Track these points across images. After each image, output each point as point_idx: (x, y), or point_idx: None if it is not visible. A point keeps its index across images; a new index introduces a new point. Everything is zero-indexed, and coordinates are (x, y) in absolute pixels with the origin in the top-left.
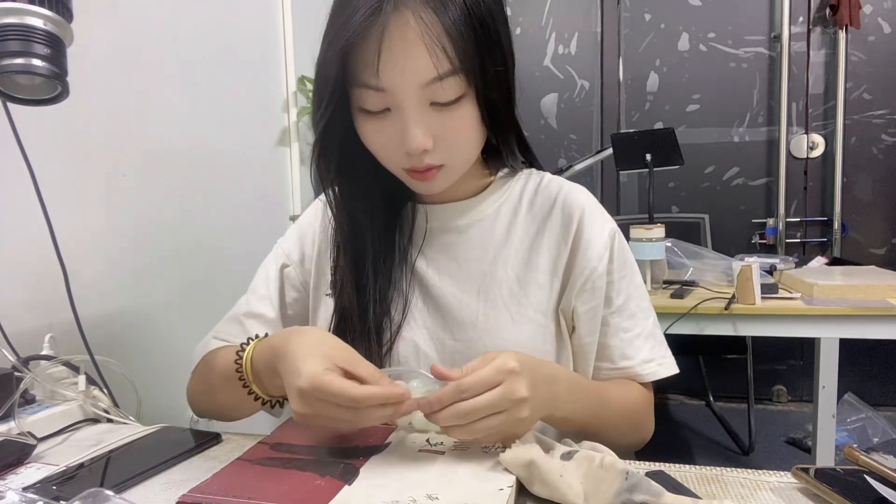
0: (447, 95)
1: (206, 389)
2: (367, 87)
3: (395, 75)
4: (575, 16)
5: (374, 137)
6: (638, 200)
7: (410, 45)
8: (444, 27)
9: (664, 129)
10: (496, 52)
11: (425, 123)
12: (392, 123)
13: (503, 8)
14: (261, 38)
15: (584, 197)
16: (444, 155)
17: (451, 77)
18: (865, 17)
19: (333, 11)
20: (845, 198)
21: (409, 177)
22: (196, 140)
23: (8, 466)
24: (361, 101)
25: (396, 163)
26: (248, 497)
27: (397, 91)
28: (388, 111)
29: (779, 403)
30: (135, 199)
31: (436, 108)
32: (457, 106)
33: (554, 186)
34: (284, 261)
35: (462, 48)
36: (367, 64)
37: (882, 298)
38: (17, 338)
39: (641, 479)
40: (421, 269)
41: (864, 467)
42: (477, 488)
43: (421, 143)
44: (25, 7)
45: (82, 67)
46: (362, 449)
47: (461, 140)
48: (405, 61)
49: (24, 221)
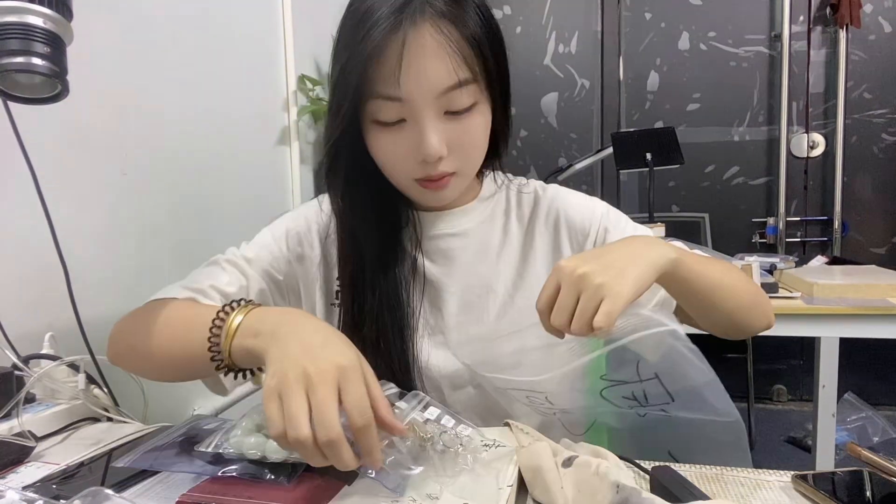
0: (462, 103)
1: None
2: (385, 98)
3: (414, 84)
4: (575, 15)
5: (388, 149)
6: (638, 200)
7: (430, 56)
8: (462, 36)
9: (664, 128)
10: (504, 58)
11: (440, 131)
12: (407, 134)
13: None
14: (261, 38)
15: (560, 190)
16: (457, 162)
17: (468, 85)
18: (866, 17)
19: (349, 27)
20: (846, 197)
21: (421, 187)
22: (196, 139)
23: (8, 465)
24: (376, 113)
25: (409, 173)
26: (249, 497)
27: (415, 100)
28: (402, 122)
29: (779, 403)
30: (135, 198)
31: (449, 117)
32: (469, 114)
33: (531, 187)
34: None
35: (479, 56)
36: (387, 75)
37: (882, 298)
38: (18, 337)
39: (632, 492)
40: (426, 274)
41: (867, 463)
42: (477, 488)
43: (437, 150)
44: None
45: (82, 66)
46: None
47: (473, 147)
48: (425, 71)
49: (25, 220)
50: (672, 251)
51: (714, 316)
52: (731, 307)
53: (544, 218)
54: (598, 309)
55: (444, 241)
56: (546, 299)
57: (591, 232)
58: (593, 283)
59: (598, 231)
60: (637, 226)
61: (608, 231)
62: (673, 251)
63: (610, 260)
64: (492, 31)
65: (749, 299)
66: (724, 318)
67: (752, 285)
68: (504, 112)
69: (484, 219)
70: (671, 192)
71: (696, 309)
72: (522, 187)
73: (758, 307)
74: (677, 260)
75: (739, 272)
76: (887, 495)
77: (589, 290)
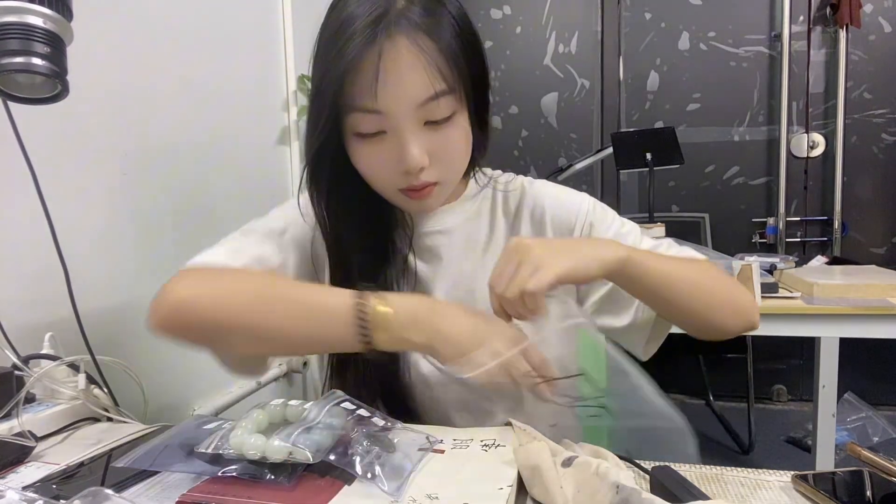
0: (441, 113)
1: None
2: (363, 111)
3: (392, 97)
4: (575, 15)
5: (369, 160)
6: (638, 199)
7: (406, 69)
8: (438, 48)
9: (664, 128)
10: (482, 66)
11: (421, 142)
12: (387, 146)
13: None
14: (261, 38)
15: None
16: (439, 172)
17: (445, 96)
18: (866, 17)
19: (326, 39)
20: (845, 197)
21: (405, 196)
22: (196, 139)
23: (8, 465)
24: (356, 125)
25: (391, 184)
26: (248, 497)
27: (394, 112)
28: (383, 133)
29: (779, 402)
30: (135, 197)
31: (430, 127)
32: (449, 123)
33: (517, 182)
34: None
35: (455, 67)
36: (364, 88)
37: (882, 298)
38: (18, 337)
39: (632, 492)
40: (415, 273)
41: (867, 462)
42: (477, 488)
43: (419, 161)
44: (25, 6)
45: (82, 66)
46: None
47: (455, 155)
48: (401, 84)
49: (25, 220)
50: (623, 250)
51: (678, 315)
52: (697, 307)
53: (530, 213)
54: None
55: (431, 239)
56: (496, 273)
57: (576, 227)
58: (533, 253)
59: (584, 226)
60: (624, 221)
61: (593, 226)
62: (624, 250)
63: (557, 244)
64: (469, 41)
65: (720, 299)
66: (690, 318)
67: (725, 285)
68: (481, 120)
69: (470, 215)
70: (671, 192)
71: (656, 307)
72: (509, 184)
73: (730, 306)
74: (627, 258)
75: (714, 273)
76: (887, 495)
77: (527, 259)
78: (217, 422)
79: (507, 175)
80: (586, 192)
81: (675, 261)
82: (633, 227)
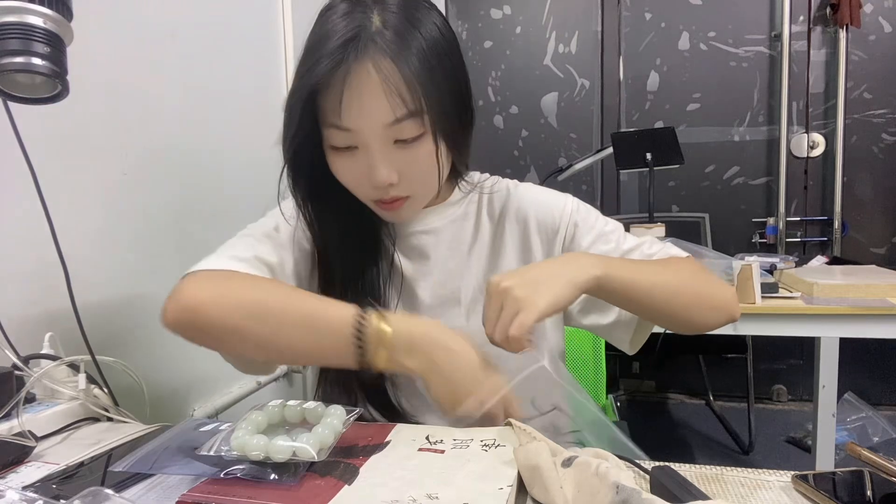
0: (409, 133)
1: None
2: (334, 128)
3: (356, 118)
4: (575, 15)
5: (344, 172)
6: (638, 200)
7: (370, 92)
8: (402, 75)
9: (664, 128)
10: (454, 90)
11: (389, 160)
12: (359, 160)
13: (457, 41)
14: (261, 38)
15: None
16: (408, 187)
17: (408, 120)
18: (866, 17)
19: (306, 50)
20: (846, 197)
21: (378, 206)
22: (196, 139)
23: (8, 465)
24: (331, 139)
25: (365, 194)
26: (249, 497)
27: (361, 131)
28: (354, 148)
29: (779, 403)
30: (136, 197)
31: (400, 146)
32: (418, 143)
33: (502, 185)
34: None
35: (420, 93)
36: (333, 107)
37: (882, 298)
38: (18, 337)
39: (632, 493)
40: (401, 272)
41: (867, 463)
42: (477, 488)
43: (386, 179)
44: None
45: (82, 66)
46: (362, 448)
47: (424, 173)
48: (366, 106)
49: (25, 220)
50: (597, 267)
51: (659, 318)
52: (674, 308)
53: (514, 215)
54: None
55: (417, 238)
56: (484, 318)
57: (561, 228)
58: (512, 296)
59: (568, 227)
60: (608, 220)
61: (578, 226)
62: (598, 267)
63: (532, 276)
64: (442, 64)
65: (697, 298)
66: (668, 318)
67: (703, 283)
68: (458, 139)
69: (456, 217)
70: (671, 192)
71: (638, 313)
72: (494, 186)
73: (707, 303)
74: (601, 277)
75: (691, 271)
76: (887, 495)
77: (508, 302)
78: (214, 424)
79: (492, 178)
80: (586, 193)
81: (651, 266)
82: (616, 225)
